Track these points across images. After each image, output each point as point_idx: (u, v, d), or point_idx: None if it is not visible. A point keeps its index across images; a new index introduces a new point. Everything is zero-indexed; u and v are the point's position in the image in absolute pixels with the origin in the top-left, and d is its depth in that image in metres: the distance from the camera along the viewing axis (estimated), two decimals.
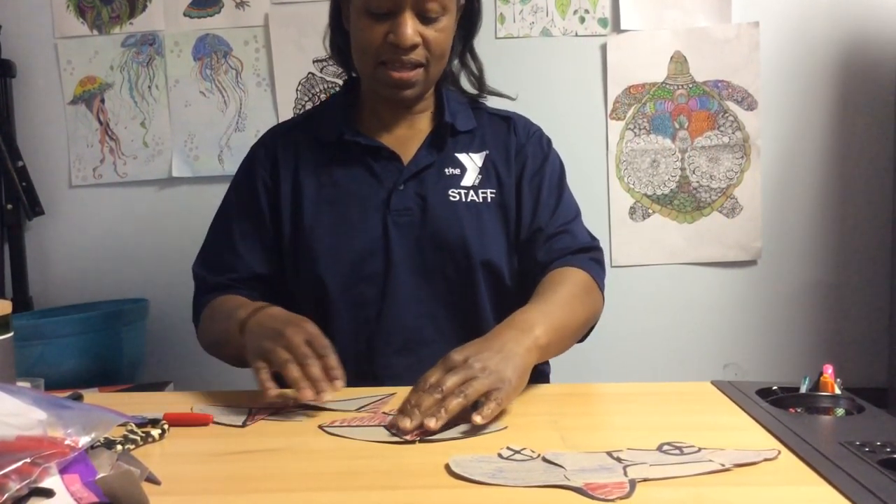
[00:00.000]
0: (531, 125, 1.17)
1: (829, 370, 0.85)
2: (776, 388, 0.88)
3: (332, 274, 1.05)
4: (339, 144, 1.09)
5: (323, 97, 1.88)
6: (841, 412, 0.81)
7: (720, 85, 1.87)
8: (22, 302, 1.88)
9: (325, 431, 0.78)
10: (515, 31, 1.88)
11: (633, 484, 0.60)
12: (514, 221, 1.10)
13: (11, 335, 0.84)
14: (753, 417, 0.78)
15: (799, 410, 0.82)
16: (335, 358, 0.86)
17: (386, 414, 0.83)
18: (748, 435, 0.74)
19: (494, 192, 1.09)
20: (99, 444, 0.69)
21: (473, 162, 1.10)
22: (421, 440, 0.73)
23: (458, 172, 1.09)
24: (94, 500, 0.56)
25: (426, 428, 0.73)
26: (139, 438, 0.75)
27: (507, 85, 1.19)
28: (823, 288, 1.90)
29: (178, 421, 0.81)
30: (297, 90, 1.90)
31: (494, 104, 1.19)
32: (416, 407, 0.75)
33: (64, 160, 1.93)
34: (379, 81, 1.04)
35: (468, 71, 1.16)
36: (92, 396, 0.99)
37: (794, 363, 1.89)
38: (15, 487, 0.55)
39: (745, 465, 0.64)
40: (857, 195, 1.88)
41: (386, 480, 0.64)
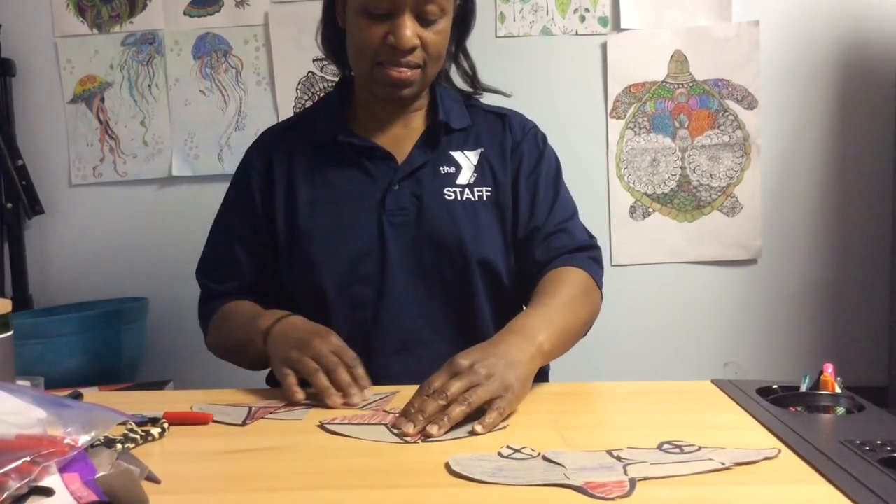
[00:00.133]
0: (526, 122, 1.16)
1: (829, 369, 0.85)
2: (776, 386, 0.88)
3: (327, 275, 1.05)
4: (333, 145, 1.08)
5: (323, 96, 1.88)
6: (841, 411, 0.81)
7: (720, 84, 1.86)
8: (22, 301, 1.88)
9: (325, 429, 0.78)
10: (515, 29, 1.87)
11: (633, 483, 0.60)
12: (510, 220, 1.09)
13: (11, 334, 0.84)
14: (754, 416, 0.78)
15: (799, 409, 0.82)
16: (363, 368, 0.90)
17: (386, 412, 0.83)
18: (748, 434, 0.74)
19: (490, 190, 1.08)
20: (99, 442, 0.69)
21: (468, 160, 1.10)
22: (422, 439, 0.73)
23: (453, 171, 1.08)
24: (93, 498, 0.56)
25: (428, 434, 0.73)
26: (139, 437, 0.75)
27: (507, 84, 1.18)
28: (823, 286, 1.90)
29: (177, 420, 0.81)
30: (297, 89, 1.90)
31: (491, 101, 1.19)
32: (419, 412, 0.75)
33: (64, 159, 1.93)
34: (376, 81, 1.03)
35: (461, 71, 1.16)
36: (92, 395, 0.99)
37: (794, 362, 1.89)
38: (14, 486, 0.55)
39: (745, 463, 0.64)
40: (857, 194, 1.88)
41: (386, 479, 0.64)
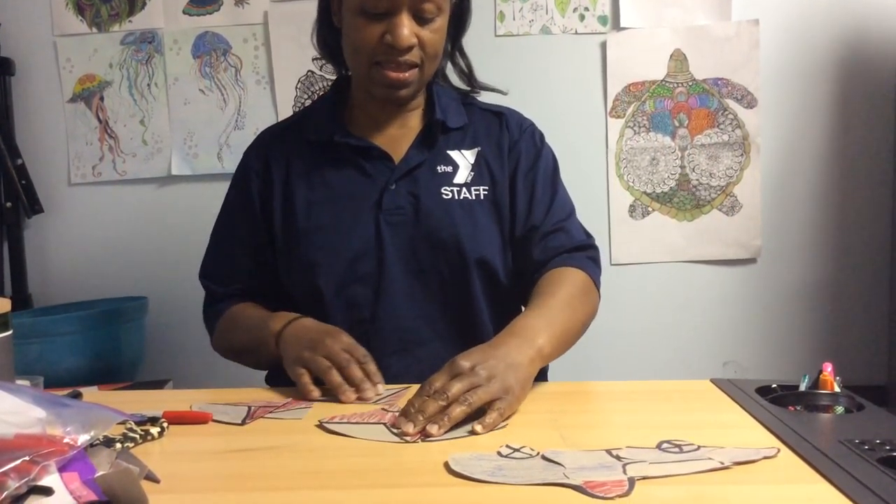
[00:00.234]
0: (524, 120, 1.16)
1: (828, 368, 0.85)
2: (776, 386, 0.88)
3: (325, 275, 1.05)
4: (329, 145, 1.08)
5: (321, 94, 1.88)
6: (840, 410, 0.81)
7: (720, 83, 1.86)
8: (21, 300, 1.88)
9: (324, 428, 0.78)
10: (515, 28, 1.87)
11: (632, 482, 0.60)
12: (507, 218, 1.09)
13: (10, 333, 0.84)
14: (753, 415, 0.78)
15: (798, 408, 0.82)
16: (374, 365, 0.92)
17: (385, 411, 0.83)
18: (747, 433, 0.74)
19: (487, 188, 1.08)
20: (98, 442, 0.69)
21: (465, 159, 1.09)
22: (421, 439, 0.73)
23: (450, 170, 1.08)
24: (93, 498, 0.56)
25: (428, 434, 0.73)
26: (138, 436, 0.75)
27: (506, 83, 1.18)
28: (823, 286, 1.90)
29: (177, 419, 0.81)
30: (296, 88, 1.90)
31: (489, 99, 1.18)
32: (419, 412, 0.75)
33: (63, 158, 1.93)
34: (374, 81, 1.03)
35: (458, 69, 1.16)
36: (91, 394, 0.99)
37: (793, 361, 1.89)
38: (14, 485, 0.55)
39: (744, 463, 0.64)
40: (856, 193, 1.88)
41: (386, 478, 0.64)
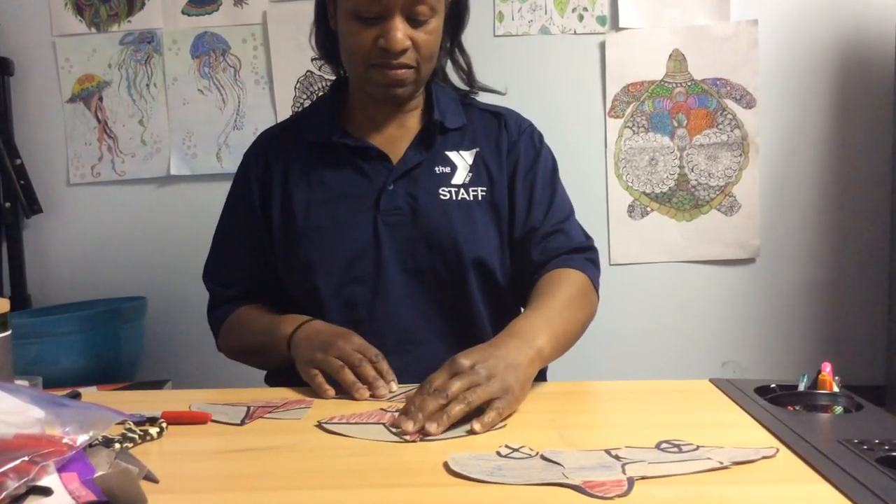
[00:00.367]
0: (522, 120, 1.16)
1: (827, 368, 0.85)
2: (774, 385, 0.88)
3: (323, 275, 1.05)
4: (328, 146, 1.09)
5: (320, 95, 1.88)
6: (839, 410, 0.81)
7: (719, 83, 1.86)
8: (20, 300, 1.88)
9: (323, 428, 0.78)
10: (514, 28, 1.87)
11: (631, 482, 0.60)
12: (505, 219, 1.09)
13: (9, 333, 0.84)
14: (752, 415, 0.78)
15: (797, 408, 0.82)
16: (387, 364, 0.93)
17: (385, 411, 0.83)
18: (746, 433, 0.74)
19: (485, 189, 1.08)
20: (97, 442, 0.69)
21: (464, 160, 1.10)
22: (420, 439, 0.73)
23: (448, 171, 1.08)
24: (92, 498, 0.56)
25: (427, 432, 0.74)
26: (137, 437, 0.75)
27: (505, 83, 1.18)
28: (822, 286, 1.90)
29: (176, 419, 0.81)
30: (295, 88, 1.90)
31: (488, 100, 1.18)
32: (419, 410, 0.76)
33: (62, 158, 1.93)
34: (370, 82, 1.03)
35: (457, 66, 1.16)
36: (90, 394, 0.99)
37: (792, 361, 1.89)
38: (13, 486, 0.55)
39: (743, 462, 0.64)
40: (855, 193, 1.88)
41: (385, 478, 0.64)
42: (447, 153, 1.09)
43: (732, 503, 0.57)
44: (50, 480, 0.58)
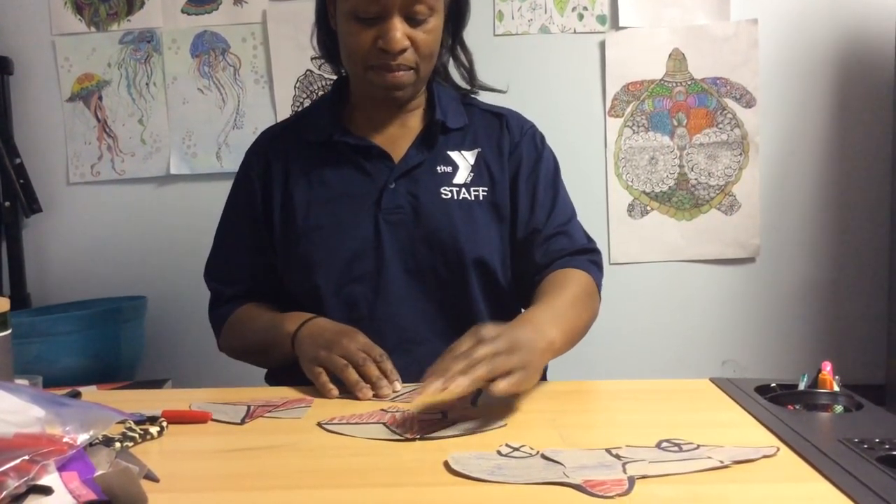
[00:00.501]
0: (524, 122, 1.16)
1: (827, 367, 0.85)
2: (775, 385, 0.88)
3: (324, 273, 1.05)
4: (329, 145, 1.09)
5: (321, 94, 1.88)
6: (839, 409, 0.81)
7: (719, 82, 1.86)
8: (20, 299, 1.88)
9: (323, 429, 0.78)
10: (514, 28, 1.87)
11: (631, 481, 0.60)
12: (507, 219, 1.09)
13: (9, 332, 0.84)
14: (752, 414, 0.78)
15: (797, 407, 0.82)
16: (391, 363, 0.93)
17: (385, 411, 0.83)
18: (747, 432, 0.74)
19: (486, 189, 1.08)
20: (97, 441, 0.69)
21: (465, 160, 1.10)
22: (421, 438, 0.73)
23: (449, 170, 1.08)
24: (92, 497, 0.56)
25: (453, 389, 0.73)
26: (137, 436, 0.75)
27: (505, 82, 1.18)
28: (822, 285, 1.90)
29: (176, 418, 0.81)
30: (295, 87, 1.89)
31: (489, 99, 1.18)
32: (444, 371, 0.75)
33: (62, 157, 1.93)
34: (370, 84, 1.03)
35: (459, 63, 1.15)
36: (90, 394, 0.99)
37: (792, 360, 1.89)
38: (13, 485, 0.55)
39: (743, 461, 0.64)
40: (855, 192, 1.88)
41: (385, 478, 0.64)
42: (449, 153, 1.09)
43: (733, 502, 0.57)
44: (50, 479, 0.58)
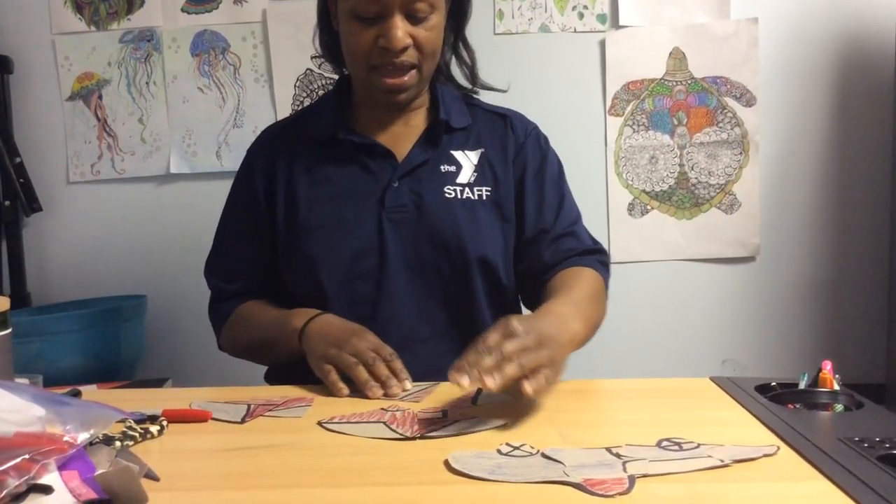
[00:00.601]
0: (528, 123, 1.16)
1: (827, 366, 0.85)
2: (775, 384, 0.88)
3: (327, 272, 1.05)
4: (332, 143, 1.08)
5: (321, 93, 1.88)
6: (840, 408, 0.81)
7: (719, 81, 1.86)
8: (20, 298, 1.88)
9: (324, 428, 0.78)
10: (514, 27, 1.87)
11: (632, 480, 0.60)
12: (511, 220, 1.09)
13: (9, 332, 0.84)
14: (752, 413, 0.78)
15: (798, 406, 0.82)
16: (401, 362, 0.93)
17: (385, 410, 0.83)
18: (747, 431, 0.74)
19: (490, 189, 1.09)
20: (98, 440, 0.69)
21: (469, 159, 1.10)
22: (421, 437, 0.73)
23: (453, 169, 1.08)
24: (92, 496, 0.56)
25: (483, 386, 0.72)
26: (138, 435, 0.75)
27: (505, 81, 1.18)
28: (822, 284, 1.90)
29: (176, 417, 0.81)
30: (295, 86, 1.89)
31: (490, 99, 1.18)
32: (473, 366, 0.74)
33: (62, 156, 1.93)
34: (373, 86, 1.03)
35: (461, 61, 1.15)
36: (90, 393, 0.99)
37: (792, 359, 1.89)
38: (14, 484, 0.55)
39: (744, 460, 0.64)
40: (855, 191, 1.88)
41: (385, 477, 0.64)
42: (452, 152, 1.09)
43: (733, 501, 0.57)
44: (50, 478, 0.58)
